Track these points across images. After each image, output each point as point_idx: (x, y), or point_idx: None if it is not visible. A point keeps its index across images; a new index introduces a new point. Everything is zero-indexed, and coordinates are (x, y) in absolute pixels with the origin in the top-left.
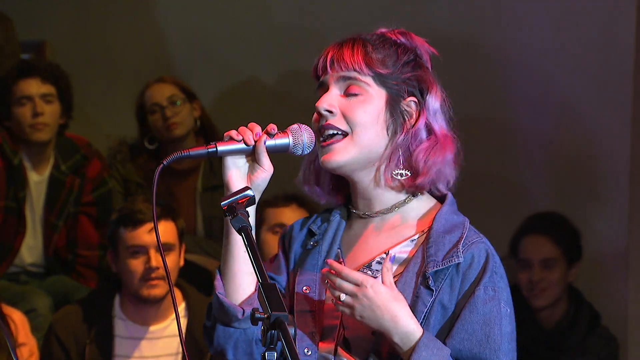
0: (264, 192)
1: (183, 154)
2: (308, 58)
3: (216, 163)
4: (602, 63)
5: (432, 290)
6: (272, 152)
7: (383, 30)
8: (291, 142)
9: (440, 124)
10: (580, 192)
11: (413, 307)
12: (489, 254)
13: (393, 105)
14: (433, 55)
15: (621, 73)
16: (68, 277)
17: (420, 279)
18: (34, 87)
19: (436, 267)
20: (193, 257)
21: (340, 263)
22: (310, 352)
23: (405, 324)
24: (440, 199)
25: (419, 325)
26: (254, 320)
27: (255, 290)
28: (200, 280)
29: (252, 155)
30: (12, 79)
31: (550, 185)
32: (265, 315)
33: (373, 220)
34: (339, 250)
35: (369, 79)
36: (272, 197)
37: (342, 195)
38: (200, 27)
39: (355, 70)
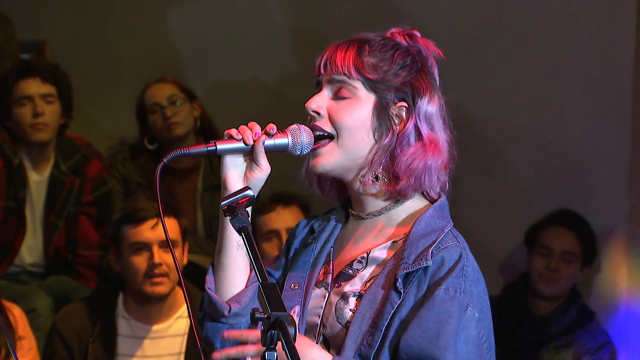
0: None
1: (183, 152)
2: (307, 59)
3: (216, 163)
4: (602, 63)
5: (400, 293)
6: (271, 152)
7: (393, 30)
8: (290, 142)
9: (429, 130)
10: (580, 192)
11: (382, 309)
12: (461, 257)
13: (381, 110)
14: (439, 58)
15: (621, 73)
16: (68, 277)
17: (392, 282)
18: (34, 87)
19: (406, 269)
20: (193, 257)
21: (329, 262)
22: None
23: (311, 352)
24: (434, 202)
25: (326, 353)
26: (253, 321)
27: (245, 287)
28: (200, 280)
29: (250, 155)
30: (12, 79)
31: (550, 185)
32: (265, 316)
33: (365, 222)
34: (331, 248)
35: (357, 83)
36: (259, 204)
37: (343, 195)
38: (200, 27)
39: (344, 74)
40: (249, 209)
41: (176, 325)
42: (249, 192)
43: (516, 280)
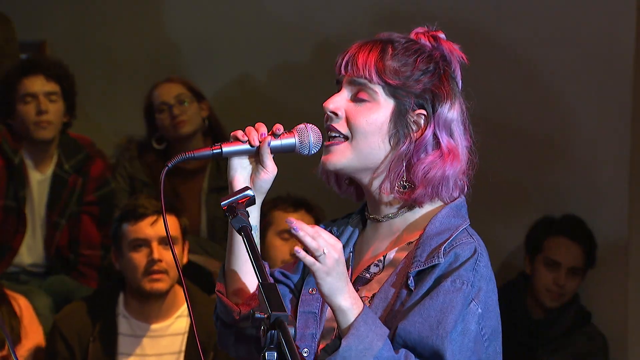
0: (268, 193)
1: (188, 156)
2: (311, 59)
3: (223, 164)
4: (602, 63)
5: (412, 291)
6: (279, 152)
7: (418, 30)
8: (297, 142)
9: (448, 138)
10: (580, 193)
11: (392, 307)
12: (475, 253)
13: (399, 117)
14: (463, 63)
15: (621, 73)
16: (68, 277)
17: (404, 280)
18: (38, 85)
19: (418, 267)
20: (195, 258)
21: (348, 268)
22: (308, 353)
23: (353, 290)
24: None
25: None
26: (253, 320)
27: (257, 290)
28: (201, 280)
29: (256, 157)
30: (16, 77)
31: (550, 185)
32: (265, 315)
33: (382, 225)
34: (350, 253)
35: (378, 88)
36: (282, 201)
37: (361, 194)
38: (200, 26)
39: (365, 77)
40: (251, 210)
41: (176, 324)
42: (249, 192)
43: (514, 280)
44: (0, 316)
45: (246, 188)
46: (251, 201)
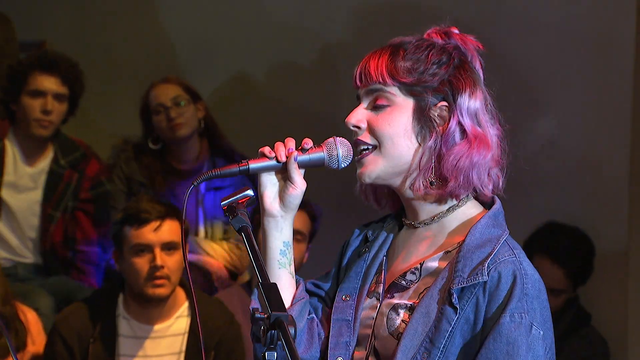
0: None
1: (214, 174)
2: (309, 59)
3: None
4: (602, 63)
5: (456, 309)
6: (308, 167)
7: (430, 30)
8: (326, 156)
9: (474, 126)
10: (581, 193)
11: (438, 325)
12: (517, 275)
13: (421, 114)
14: (481, 51)
15: (621, 73)
16: (69, 278)
17: (446, 295)
18: (51, 84)
19: (461, 284)
20: (194, 258)
21: (381, 272)
22: None
23: None
24: (488, 205)
25: None
26: (253, 320)
27: (291, 305)
28: (200, 280)
29: (283, 172)
30: (30, 68)
31: (551, 186)
32: (265, 315)
33: (417, 231)
34: (384, 258)
35: (394, 89)
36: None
37: (398, 205)
38: (200, 27)
39: (379, 82)
40: (284, 230)
41: (176, 324)
42: (249, 192)
43: None
44: (4, 321)
45: (246, 188)
46: (251, 201)
